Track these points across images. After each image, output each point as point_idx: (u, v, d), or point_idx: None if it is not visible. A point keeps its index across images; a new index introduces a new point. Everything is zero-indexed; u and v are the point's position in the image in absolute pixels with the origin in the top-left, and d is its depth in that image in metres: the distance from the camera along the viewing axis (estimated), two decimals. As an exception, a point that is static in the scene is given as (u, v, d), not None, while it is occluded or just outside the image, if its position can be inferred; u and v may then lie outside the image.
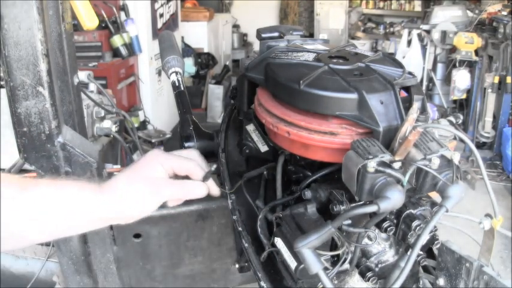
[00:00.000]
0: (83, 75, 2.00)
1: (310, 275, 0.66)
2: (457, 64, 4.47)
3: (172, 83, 1.08)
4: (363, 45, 6.85)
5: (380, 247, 0.81)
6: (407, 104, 0.74)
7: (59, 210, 0.68)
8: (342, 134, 0.73)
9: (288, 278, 0.82)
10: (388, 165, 0.65)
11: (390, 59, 0.87)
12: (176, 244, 1.17)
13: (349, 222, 0.68)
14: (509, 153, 4.06)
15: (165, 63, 1.09)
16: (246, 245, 0.88)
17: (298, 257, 0.67)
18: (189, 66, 5.54)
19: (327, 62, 0.81)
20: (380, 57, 0.87)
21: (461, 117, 0.88)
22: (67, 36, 1.09)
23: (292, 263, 0.75)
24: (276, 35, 0.98)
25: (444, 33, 4.52)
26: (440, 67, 4.79)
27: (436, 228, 0.73)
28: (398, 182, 0.64)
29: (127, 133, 2.59)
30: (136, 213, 0.75)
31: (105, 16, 3.75)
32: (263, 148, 0.96)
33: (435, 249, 0.77)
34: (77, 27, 1.57)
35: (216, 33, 6.44)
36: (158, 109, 4.61)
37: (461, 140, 0.78)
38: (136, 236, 1.14)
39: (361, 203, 0.67)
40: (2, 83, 1.78)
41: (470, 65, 4.47)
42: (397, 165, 0.66)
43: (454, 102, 4.77)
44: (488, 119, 4.35)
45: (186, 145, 0.99)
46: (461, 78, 4.47)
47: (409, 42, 5.05)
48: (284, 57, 0.86)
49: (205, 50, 5.99)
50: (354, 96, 0.71)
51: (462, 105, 4.74)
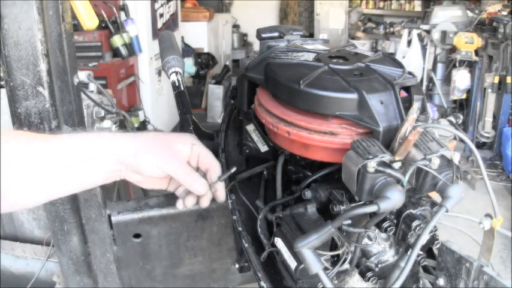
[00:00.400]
0: (83, 75, 2.00)
1: (310, 275, 0.66)
2: (457, 64, 4.47)
3: (172, 83, 1.08)
4: (363, 45, 6.86)
5: (380, 247, 0.81)
6: (407, 104, 0.74)
7: (80, 156, 0.73)
8: (342, 134, 0.73)
9: (288, 278, 0.82)
10: (388, 165, 0.65)
11: (390, 59, 0.87)
12: (176, 244, 1.17)
13: (349, 222, 0.68)
14: (509, 153, 4.06)
15: (165, 63, 1.09)
16: (246, 245, 0.88)
17: (298, 257, 0.67)
18: (189, 66, 5.54)
19: (327, 62, 0.81)
20: (380, 57, 0.87)
21: (461, 117, 0.88)
22: (67, 36, 1.09)
23: (292, 263, 0.75)
24: (276, 35, 0.98)
25: (444, 33, 4.52)
26: (440, 67, 4.79)
27: (436, 228, 0.73)
28: (398, 182, 0.64)
29: (127, 133, 2.58)
30: (146, 163, 0.77)
31: (105, 16, 3.75)
32: (263, 148, 0.96)
33: (435, 249, 0.77)
34: (77, 27, 1.57)
35: (216, 33, 6.44)
36: (158, 109, 4.61)
37: (461, 140, 0.78)
38: (136, 236, 1.14)
39: (361, 203, 0.67)
40: (2, 83, 1.78)
41: (470, 65, 4.47)
42: (397, 165, 0.66)
43: (454, 102, 4.78)
44: (488, 119, 4.35)
45: None
46: (461, 78, 4.47)
47: (409, 42, 5.06)
48: (284, 57, 0.86)
49: (205, 50, 5.99)
50: (354, 96, 0.71)
51: (462, 105, 4.74)
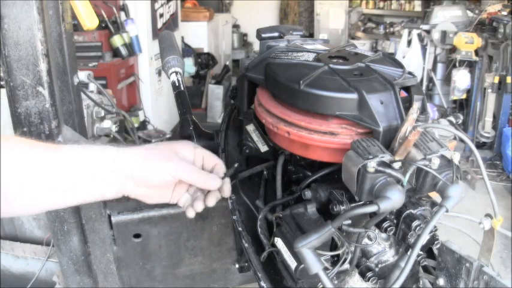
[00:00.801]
0: (83, 75, 2.00)
1: (310, 275, 0.66)
2: (457, 64, 4.47)
3: (172, 83, 1.08)
4: (363, 45, 6.86)
5: (380, 247, 0.81)
6: (407, 104, 0.74)
7: (82, 169, 0.71)
8: (342, 134, 0.73)
9: (288, 278, 0.82)
10: (388, 165, 0.65)
11: (390, 59, 0.87)
12: (176, 244, 1.17)
13: (349, 222, 0.68)
14: (509, 153, 4.06)
15: (165, 63, 1.09)
16: (246, 245, 0.88)
17: (298, 257, 0.67)
18: (189, 66, 5.53)
19: (327, 62, 0.81)
20: (380, 57, 0.87)
21: (461, 117, 0.88)
22: (67, 36, 1.09)
23: (292, 263, 0.75)
24: (276, 35, 0.98)
25: (444, 33, 4.52)
26: (440, 67, 4.79)
27: (436, 228, 0.73)
28: (398, 182, 0.64)
29: (127, 133, 2.59)
30: (155, 172, 0.76)
31: (105, 16, 3.75)
32: (263, 148, 0.96)
33: (435, 249, 0.77)
34: (77, 27, 1.57)
35: (216, 33, 6.43)
36: (158, 109, 4.60)
37: (461, 140, 0.78)
38: (136, 236, 1.14)
39: (361, 203, 0.67)
40: (2, 83, 1.78)
41: (470, 65, 4.47)
42: (397, 165, 0.66)
43: (454, 102, 4.78)
44: (488, 119, 4.35)
45: None
46: (461, 78, 4.47)
47: (409, 42, 5.05)
48: (284, 57, 0.86)
49: (205, 50, 5.99)
50: (354, 96, 0.71)
51: (462, 105, 4.74)
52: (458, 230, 0.90)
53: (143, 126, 4.22)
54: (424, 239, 0.65)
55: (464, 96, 4.61)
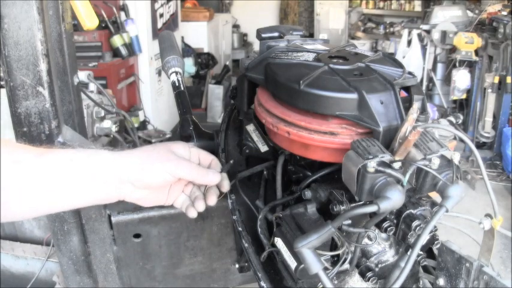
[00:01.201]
0: (83, 75, 2.00)
1: (310, 275, 0.66)
2: (457, 64, 4.47)
3: (172, 83, 1.08)
4: (363, 45, 6.86)
5: (380, 247, 0.81)
6: (407, 104, 0.74)
7: (77, 173, 0.70)
8: (342, 134, 0.73)
9: (288, 278, 0.82)
10: (388, 165, 0.65)
11: (390, 59, 0.87)
12: (176, 244, 1.17)
13: (349, 222, 0.68)
14: (509, 153, 4.06)
15: (165, 63, 1.09)
16: (246, 245, 0.88)
17: (298, 257, 0.67)
18: (189, 66, 5.54)
19: (327, 62, 0.81)
20: (380, 57, 0.87)
21: (461, 117, 0.88)
22: (67, 36, 1.09)
23: (292, 263, 0.75)
24: (276, 35, 0.98)
25: (444, 33, 4.52)
26: (440, 67, 4.79)
27: (436, 228, 0.73)
28: (398, 182, 0.64)
29: (127, 133, 2.59)
30: (155, 176, 0.76)
31: (105, 16, 3.75)
32: (263, 148, 0.96)
33: (435, 249, 0.77)
34: (77, 27, 1.57)
35: (216, 33, 6.43)
36: (158, 109, 4.61)
37: (461, 140, 0.78)
38: (136, 236, 1.14)
39: (361, 203, 0.67)
40: (2, 83, 1.78)
41: (470, 65, 4.47)
42: (397, 165, 0.66)
43: (454, 102, 4.78)
44: (488, 119, 4.35)
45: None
46: (461, 78, 4.47)
47: (409, 42, 5.05)
48: (284, 57, 0.86)
49: (205, 50, 5.99)
50: (354, 96, 0.71)
51: (462, 105, 4.74)
52: (458, 230, 0.90)
53: (143, 126, 4.23)
54: (424, 239, 0.65)
55: (464, 96, 4.61)
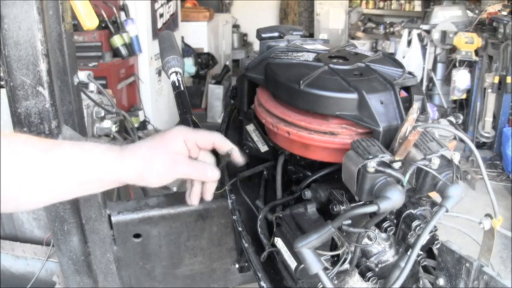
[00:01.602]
0: (83, 75, 2.00)
1: (310, 275, 0.66)
2: (457, 64, 4.47)
3: (172, 83, 1.08)
4: (363, 45, 6.85)
5: (380, 247, 0.81)
6: (407, 104, 0.74)
7: (81, 171, 0.72)
8: (342, 134, 0.73)
9: (288, 278, 0.82)
10: (388, 165, 0.65)
11: (390, 59, 0.87)
12: (176, 244, 1.17)
13: (349, 222, 0.68)
14: (509, 153, 4.06)
15: (165, 63, 1.09)
16: (246, 245, 0.88)
17: (298, 257, 0.67)
18: (189, 66, 5.53)
19: (327, 62, 0.81)
20: (380, 57, 0.87)
21: (461, 117, 0.88)
22: (67, 36, 1.09)
23: (292, 263, 0.75)
24: (276, 35, 0.98)
25: (444, 33, 4.52)
26: (440, 67, 4.79)
27: (436, 228, 0.73)
28: (398, 182, 0.64)
29: (127, 133, 2.59)
30: (153, 182, 0.78)
31: (105, 16, 3.74)
32: (263, 148, 0.96)
33: (435, 249, 0.77)
34: (77, 27, 1.57)
35: (216, 33, 6.43)
36: (158, 109, 4.60)
37: (461, 140, 0.78)
38: (136, 236, 1.14)
39: (361, 203, 0.67)
40: (2, 83, 1.78)
41: (470, 65, 4.47)
42: (397, 165, 0.66)
43: (454, 102, 4.77)
44: (488, 119, 4.34)
45: None
46: (461, 78, 4.47)
47: (409, 42, 5.05)
48: (284, 57, 0.86)
49: (205, 50, 5.98)
50: (354, 96, 0.71)
51: (462, 105, 4.74)
52: (458, 230, 0.90)
53: (143, 126, 4.22)
54: (424, 239, 0.65)
55: (464, 96, 4.61)
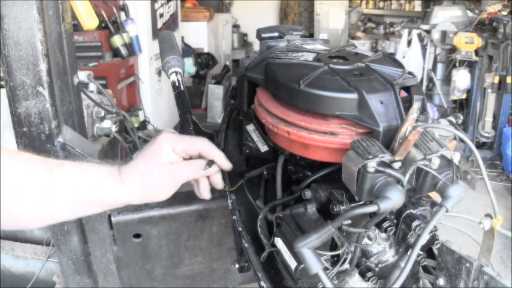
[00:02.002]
0: (83, 75, 2.00)
1: (310, 275, 0.66)
2: (457, 64, 4.47)
3: (172, 83, 1.08)
4: (363, 45, 6.85)
5: (380, 247, 0.81)
6: (407, 104, 0.74)
7: (81, 194, 0.74)
8: (342, 134, 0.73)
9: (288, 278, 0.82)
10: (388, 165, 0.65)
11: (390, 59, 0.87)
12: (176, 244, 1.17)
13: (349, 222, 0.68)
14: (509, 153, 4.06)
15: (165, 63, 1.09)
16: (246, 245, 0.88)
17: (298, 257, 0.67)
18: (189, 66, 5.53)
19: (327, 62, 0.81)
20: (380, 57, 0.87)
21: (461, 117, 0.88)
22: (67, 36, 1.09)
23: (292, 263, 0.75)
24: (276, 35, 0.98)
25: (444, 33, 4.52)
26: (440, 67, 4.79)
27: (436, 228, 0.73)
28: (398, 182, 0.64)
29: (127, 133, 2.59)
30: (159, 197, 0.80)
31: (105, 16, 3.74)
32: (263, 148, 0.96)
33: (435, 249, 0.77)
34: (77, 27, 1.57)
35: (216, 33, 6.43)
36: (158, 109, 4.60)
37: (461, 140, 0.78)
38: (136, 236, 1.14)
39: (361, 203, 0.67)
40: (2, 83, 1.78)
41: (470, 65, 4.47)
42: (397, 165, 0.66)
43: (454, 102, 4.77)
44: (488, 119, 4.34)
45: None
46: (461, 78, 4.47)
47: (409, 42, 5.05)
48: (284, 57, 0.86)
49: (205, 50, 5.98)
50: (354, 96, 0.71)
51: (462, 105, 4.74)
52: (458, 230, 0.90)
53: (143, 126, 4.23)
54: (424, 239, 0.65)
55: (464, 96, 4.61)
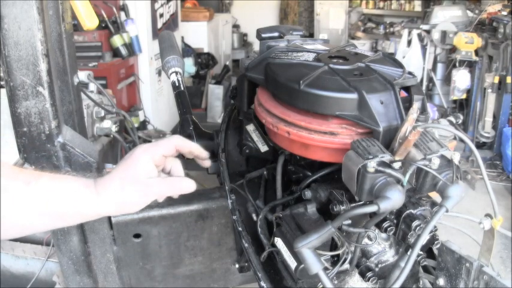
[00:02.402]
0: (83, 75, 2.00)
1: (310, 275, 0.66)
2: (457, 64, 4.47)
3: (172, 83, 1.08)
4: (363, 45, 6.85)
5: (380, 247, 0.81)
6: (407, 104, 0.74)
7: (58, 206, 0.75)
8: (342, 134, 0.73)
9: (288, 278, 0.82)
10: (388, 165, 0.65)
11: (390, 59, 0.87)
12: (176, 244, 1.17)
13: (349, 222, 0.68)
14: (509, 153, 4.06)
15: (165, 63, 1.09)
16: (246, 245, 0.88)
17: (298, 257, 0.67)
18: (189, 66, 5.53)
19: (327, 62, 0.81)
20: (380, 57, 0.87)
21: (461, 117, 0.88)
22: (67, 36, 1.09)
23: (292, 263, 0.75)
24: (276, 35, 0.98)
25: (444, 33, 4.52)
26: (440, 67, 4.79)
27: (436, 228, 0.73)
28: (398, 182, 0.64)
29: (127, 133, 2.59)
30: (132, 210, 0.81)
31: (105, 16, 3.74)
32: (263, 148, 0.96)
33: (435, 249, 0.77)
34: (77, 27, 1.57)
35: (216, 33, 6.43)
36: (158, 109, 4.60)
37: (461, 140, 0.78)
38: (136, 236, 1.14)
39: (361, 203, 0.67)
40: (2, 83, 1.78)
41: (470, 65, 4.47)
42: (397, 165, 0.66)
43: (454, 102, 4.77)
44: (488, 119, 4.34)
45: None
46: (461, 78, 4.47)
47: (409, 42, 5.05)
48: (284, 57, 0.86)
49: (205, 50, 5.98)
50: (354, 96, 0.71)
51: (462, 105, 4.74)
52: (458, 230, 0.90)
53: (143, 126, 4.22)
54: (424, 239, 0.65)
55: (464, 96, 4.60)
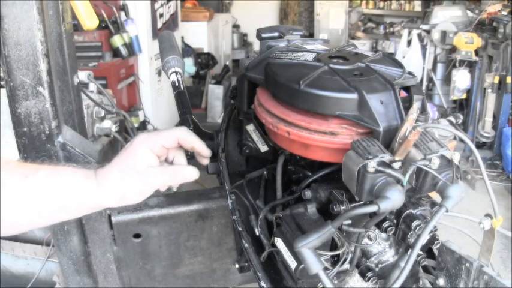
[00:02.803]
0: (83, 75, 2.00)
1: (310, 275, 0.66)
2: (457, 64, 4.47)
3: (172, 83, 1.08)
4: (363, 45, 6.85)
5: (380, 247, 0.81)
6: (407, 104, 0.74)
7: (58, 198, 0.74)
8: (342, 134, 0.73)
9: (288, 278, 0.82)
10: (388, 165, 0.65)
11: (390, 59, 0.87)
12: (176, 244, 1.17)
13: (349, 222, 0.68)
14: (509, 153, 4.06)
15: (165, 63, 1.09)
16: (246, 245, 0.88)
17: (298, 257, 0.67)
18: (189, 66, 5.53)
19: (327, 62, 0.81)
20: (380, 57, 0.87)
21: (461, 117, 0.88)
22: (67, 36, 1.09)
23: (292, 263, 0.75)
24: (276, 35, 0.98)
25: (444, 33, 4.52)
26: (440, 67, 4.79)
27: (436, 228, 0.73)
28: (398, 182, 0.64)
29: (127, 133, 2.59)
30: (133, 201, 0.80)
31: (105, 16, 3.74)
32: (263, 148, 0.96)
33: (435, 249, 0.77)
34: (77, 27, 1.57)
35: (216, 33, 6.43)
36: (158, 109, 4.60)
37: (461, 140, 0.78)
38: (136, 236, 1.14)
39: (361, 203, 0.67)
40: (2, 83, 1.78)
41: (470, 65, 4.47)
42: (397, 165, 0.66)
43: (454, 102, 4.78)
44: (488, 119, 4.34)
45: None
46: (461, 78, 4.47)
47: (409, 42, 5.05)
48: (284, 57, 0.86)
49: (205, 50, 5.98)
50: (354, 96, 0.71)
51: (462, 105, 4.74)
52: (458, 230, 0.90)
53: (143, 126, 4.22)
54: (424, 239, 0.65)
55: (464, 96, 4.61)
